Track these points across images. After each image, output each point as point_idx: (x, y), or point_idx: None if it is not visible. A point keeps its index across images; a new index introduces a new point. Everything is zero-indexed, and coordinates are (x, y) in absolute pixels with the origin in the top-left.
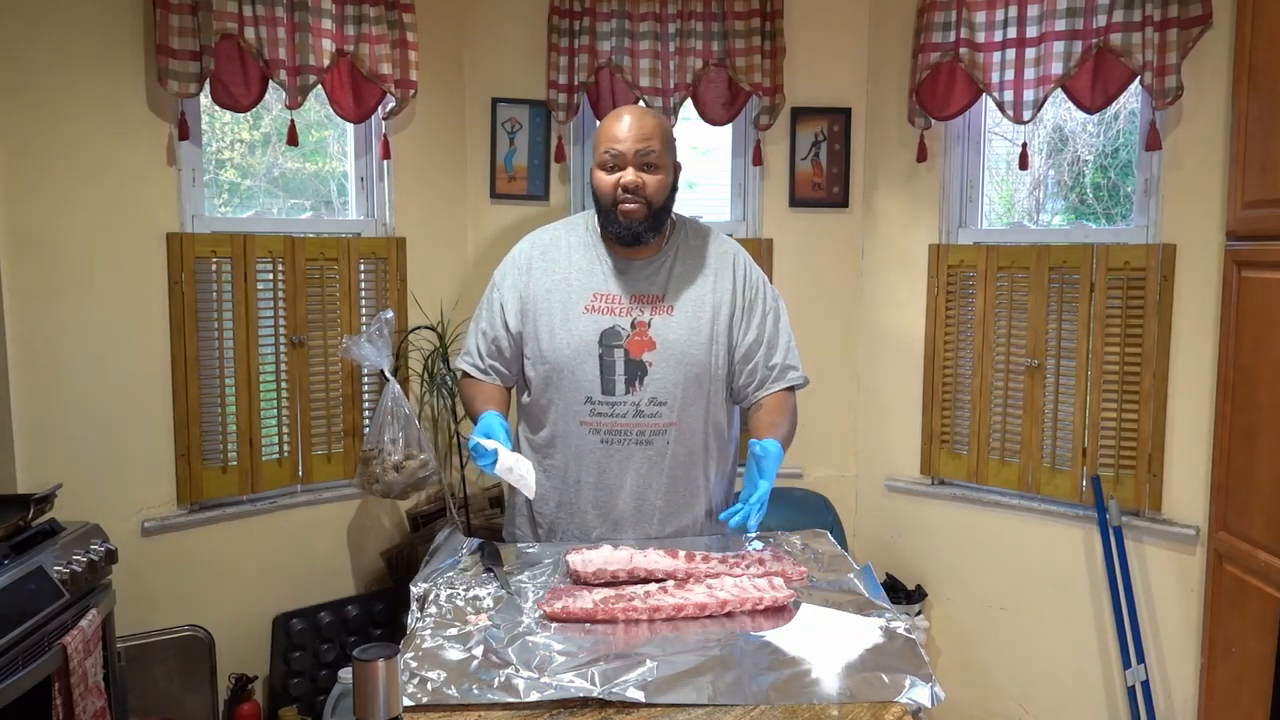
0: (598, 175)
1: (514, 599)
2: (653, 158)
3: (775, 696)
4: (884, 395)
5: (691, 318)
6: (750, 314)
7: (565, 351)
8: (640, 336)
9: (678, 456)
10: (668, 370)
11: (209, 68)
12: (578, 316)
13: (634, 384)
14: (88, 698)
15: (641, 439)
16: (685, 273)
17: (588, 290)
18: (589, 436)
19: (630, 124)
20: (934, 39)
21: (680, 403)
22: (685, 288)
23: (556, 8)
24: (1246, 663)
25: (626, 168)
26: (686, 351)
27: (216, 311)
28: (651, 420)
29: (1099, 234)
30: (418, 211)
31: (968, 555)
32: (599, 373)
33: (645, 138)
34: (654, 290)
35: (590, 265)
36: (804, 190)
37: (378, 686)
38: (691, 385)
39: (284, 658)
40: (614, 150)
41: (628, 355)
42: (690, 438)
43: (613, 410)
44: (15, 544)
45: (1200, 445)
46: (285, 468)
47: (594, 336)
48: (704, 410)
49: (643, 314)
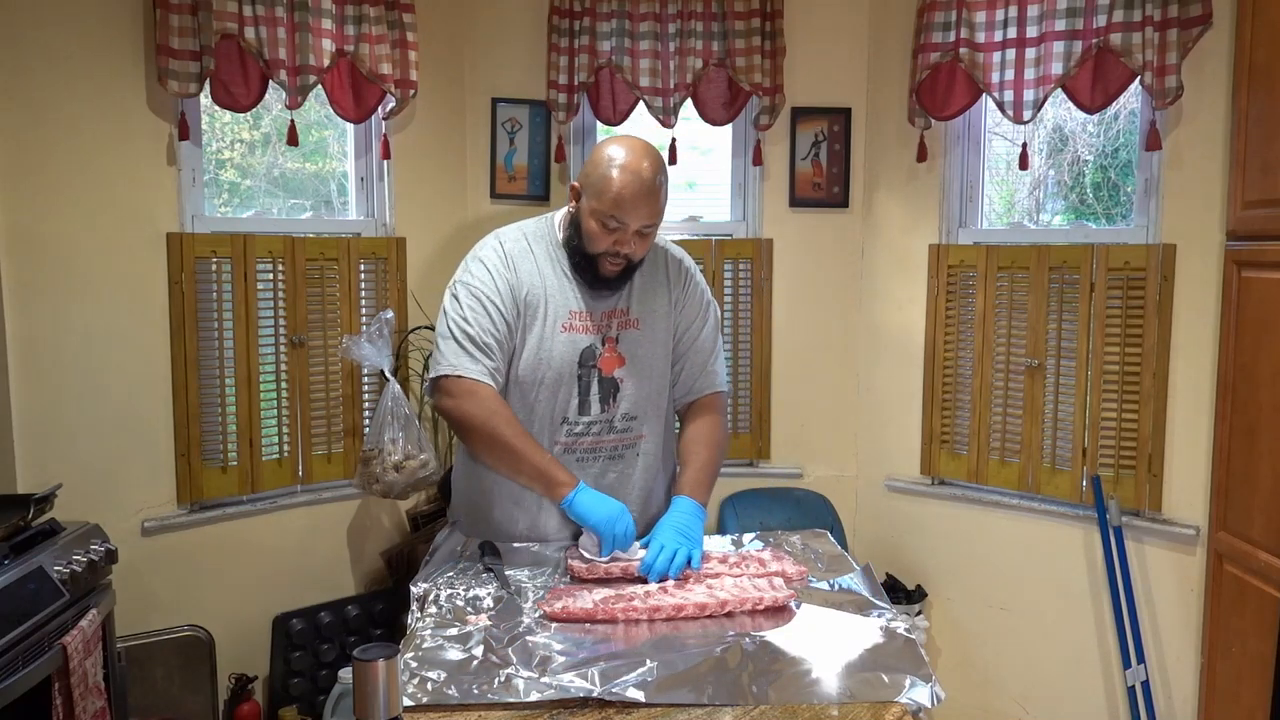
0: (592, 226)
1: (514, 599)
2: (649, 229)
3: (775, 696)
4: (884, 395)
5: (656, 330)
6: (703, 321)
7: (549, 372)
8: (610, 353)
9: (645, 468)
10: (638, 385)
11: (209, 68)
12: (556, 335)
13: (608, 401)
14: (88, 698)
15: (614, 454)
16: (645, 285)
17: (564, 308)
18: (563, 456)
19: (642, 204)
20: (934, 39)
21: (648, 415)
22: (647, 300)
23: (556, 8)
24: (1246, 663)
25: (628, 236)
26: (653, 365)
27: (216, 311)
28: (624, 435)
29: (1099, 234)
30: (418, 211)
31: (968, 555)
32: (576, 393)
33: (652, 216)
34: (619, 305)
35: (560, 282)
36: (804, 190)
37: (378, 686)
38: (656, 397)
39: (284, 658)
40: (620, 221)
41: (600, 374)
42: (654, 448)
43: (588, 429)
44: (15, 544)
45: (1200, 445)
46: (285, 468)
47: (574, 356)
48: (664, 419)
49: (610, 330)
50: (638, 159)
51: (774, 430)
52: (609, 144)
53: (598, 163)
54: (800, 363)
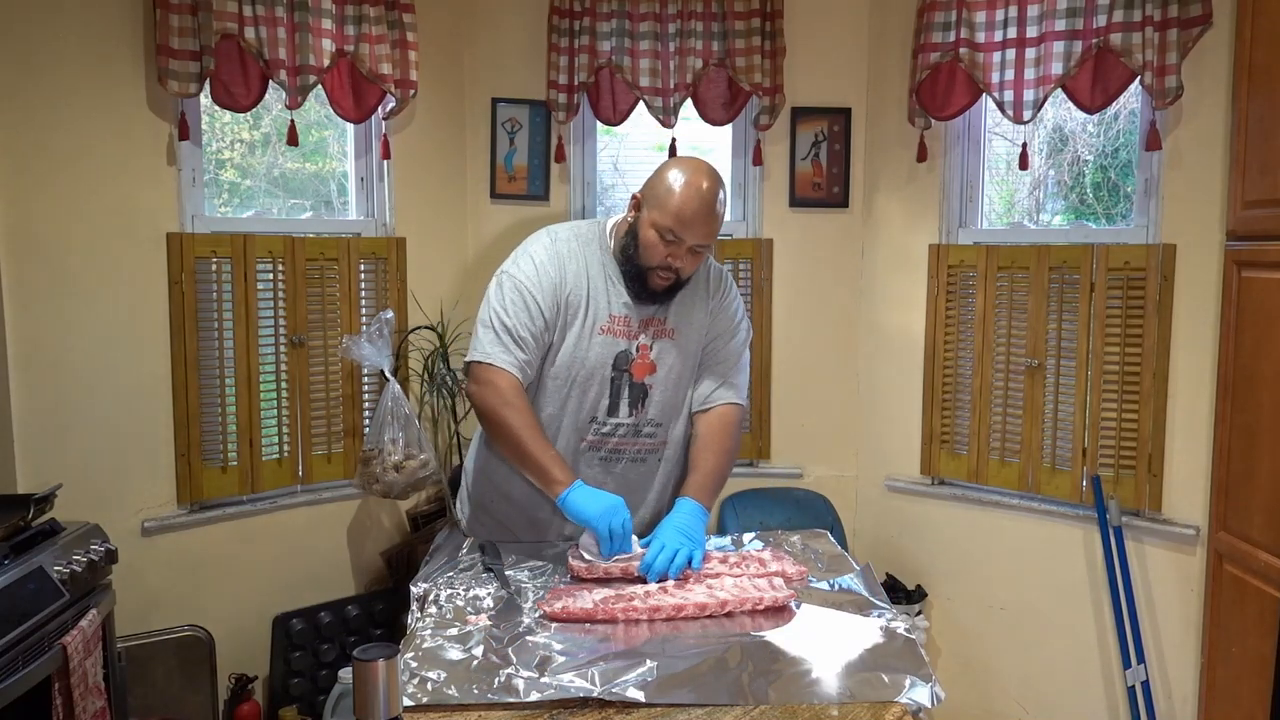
0: (651, 236)
1: (514, 599)
2: (703, 248)
3: (775, 696)
4: (884, 395)
5: (689, 341)
6: (732, 334)
7: (581, 371)
8: (643, 360)
9: (666, 472)
10: (666, 393)
11: (209, 68)
12: (594, 336)
13: (637, 406)
14: (88, 698)
15: (637, 457)
16: (684, 296)
17: (605, 312)
18: (587, 454)
19: (701, 222)
20: (934, 39)
21: (673, 422)
22: (685, 312)
23: (556, 8)
24: (1246, 663)
25: (683, 250)
26: (682, 375)
27: (216, 311)
28: (648, 440)
29: (1099, 234)
30: (418, 211)
31: (968, 555)
32: (608, 394)
33: (709, 235)
34: (658, 314)
35: (605, 286)
36: (804, 190)
37: (378, 686)
38: (681, 405)
39: (284, 658)
40: (678, 235)
41: (631, 378)
42: (674, 453)
43: (615, 430)
44: (15, 544)
45: (1200, 445)
46: (285, 468)
47: (609, 359)
48: (684, 426)
49: (646, 338)
50: (702, 179)
51: (774, 430)
52: (676, 163)
53: (663, 178)
54: (800, 363)
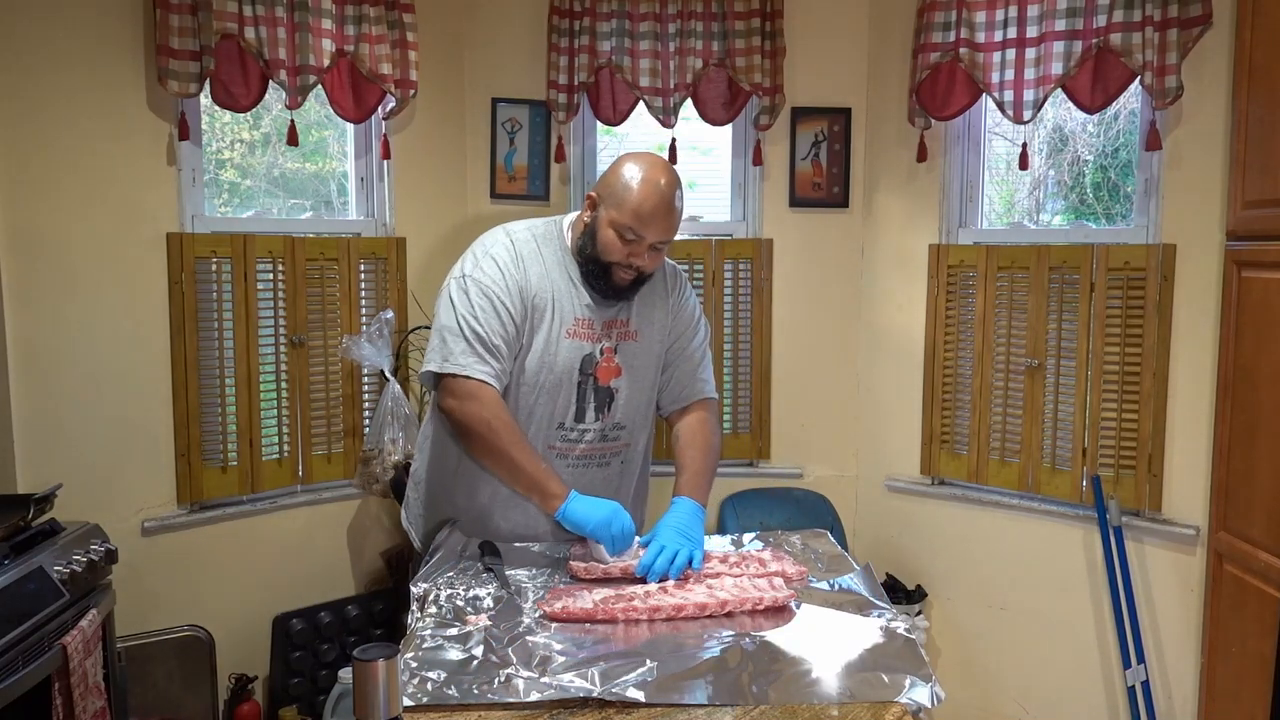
0: (609, 235)
1: (514, 599)
2: (663, 244)
3: (775, 696)
4: (884, 395)
5: (652, 342)
6: (694, 331)
7: (550, 376)
8: (608, 363)
9: (627, 475)
10: (631, 395)
11: (209, 68)
12: (562, 340)
13: (603, 410)
14: (88, 698)
15: (602, 461)
16: (644, 297)
17: (570, 314)
18: (555, 461)
19: (660, 219)
20: (934, 39)
21: (637, 425)
22: (647, 312)
23: (556, 8)
24: (1246, 663)
25: (643, 249)
26: (647, 377)
27: (216, 311)
28: (613, 443)
29: (1099, 234)
30: (418, 211)
31: (968, 555)
32: (574, 399)
33: (668, 232)
34: (620, 315)
35: (567, 288)
36: (804, 190)
37: (378, 686)
38: (645, 407)
39: (284, 658)
40: (638, 233)
41: (596, 382)
42: (637, 456)
43: (581, 436)
44: (15, 544)
45: (1200, 445)
46: (285, 468)
47: (576, 363)
48: (648, 428)
49: (610, 340)
50: (659, 175)
51: (774, 430)
52: (631, 158)
53: (619, 175)
54: (800, 363)
